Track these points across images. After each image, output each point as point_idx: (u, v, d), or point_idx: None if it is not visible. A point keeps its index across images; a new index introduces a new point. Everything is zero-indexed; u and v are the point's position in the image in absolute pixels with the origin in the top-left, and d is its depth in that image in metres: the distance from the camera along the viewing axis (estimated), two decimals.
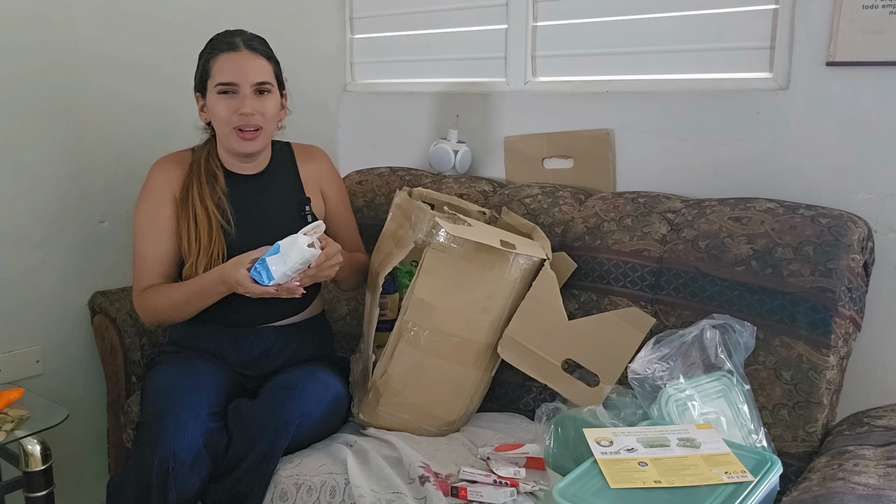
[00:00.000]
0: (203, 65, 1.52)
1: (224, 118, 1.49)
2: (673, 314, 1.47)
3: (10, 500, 1.54)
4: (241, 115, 1.48)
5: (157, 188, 1.56)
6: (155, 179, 1.57)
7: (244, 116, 1.48)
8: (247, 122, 1.49)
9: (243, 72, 1.48)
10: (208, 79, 1.50)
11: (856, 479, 1.08)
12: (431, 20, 2.13)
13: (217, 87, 1.49)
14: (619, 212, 1.60)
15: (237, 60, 1.48)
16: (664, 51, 1.72)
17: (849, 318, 1.34)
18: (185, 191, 1.55)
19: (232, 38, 1.51)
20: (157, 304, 1.52)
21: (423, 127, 2.13)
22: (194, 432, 1.32)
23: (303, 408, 1.39)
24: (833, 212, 1.41)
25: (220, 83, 1.48)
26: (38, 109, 1.74)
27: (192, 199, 1.53)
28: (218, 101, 1.49)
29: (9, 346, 1.76)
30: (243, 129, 1.50)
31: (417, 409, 1.47)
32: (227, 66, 1.48)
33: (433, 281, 1.42)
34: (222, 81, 1.48)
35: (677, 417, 1.26)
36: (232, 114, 1.48)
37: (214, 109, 1.50)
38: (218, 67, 1.49)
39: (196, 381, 1.44)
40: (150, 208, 1.55)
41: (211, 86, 1.50)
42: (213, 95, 1.49)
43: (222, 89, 1.48)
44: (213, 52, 1.50)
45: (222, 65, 1.48)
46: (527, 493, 1.26)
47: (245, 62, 1.48)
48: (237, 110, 1.48)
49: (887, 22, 1.40)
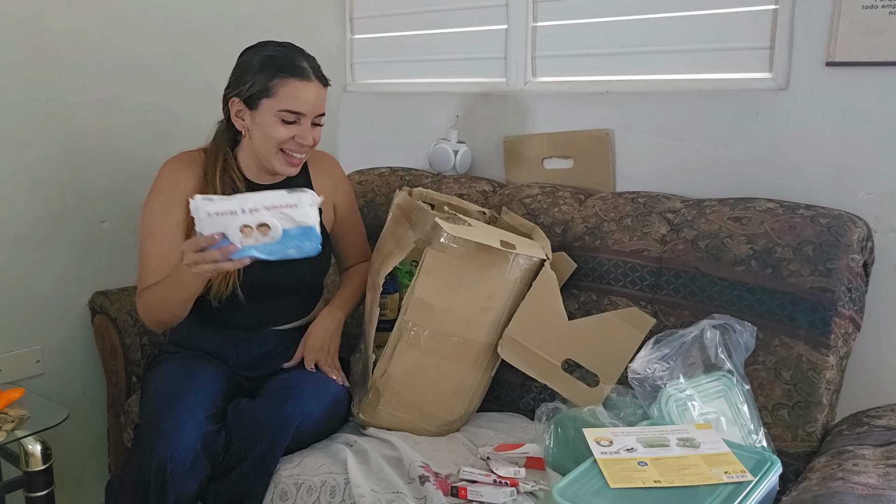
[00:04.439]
0: (264, 81, 1.44)
1: (278, 141, 1.46)
2: (673, 314, 1.47)
3: (11, 499, 1.54)
4: (298, 144, 1.47)
5: (167, 190, 1.51)
6: (166, 181, 1.52)
7: (300, 145, 1.48)
8: (299, 149, 1.49)
9: (312, 104, 1.46)
10: (267, 97, 1.44)
11: (855, 478, 1.08)
12: (431, 20, 2.13)
13: (280, 112, 1.44)
14: (619, 212, 1.60)
15: (309, 92, 1.45)
16: (664, 51, 1.72)
17: (848, 318, 1.34)
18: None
19: (301, 63, 1.45)
20: (148, 300, 1.48)
21: (423, 127, 2.13)
22: (192, 436, 1.32)
23: (303, 408, 1.39)
24: (833, 212, 1.41)
25: (286, 110, 1.44)
26: (39, 110, 1.74)
27: None
28: (276, 123, 1.45)
29: (9, 346, 1.76)
30: (293, 153, 1.49)
31: (417, 409, 1.47)
32: (301, 95, 1.44)
33: (433, 281, 1.42)
34: (290, 109, 1.44)
35: (677, 417, 1.26)
36: (289, 139, 1.46)
37: (268, 130, 1.45)
38: (288, 94, 1.43)
39: (195, 382, 1.43)
40: (160, 210, 1.51)
41: (270, 106, 1.44)
42: (270, 116, 1.44)
43: (287, 117, 1.45)
44: (281, 75, 1.43)
45: (294, 93, 1.43)
46: (527, 492, 1.26)
47: (316, 95, 1.46)
48: (296, 138, 1.46)
49: (887, 22, 1.40)
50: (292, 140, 1.47)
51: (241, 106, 1.47)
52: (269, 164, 1.50)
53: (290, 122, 1.45)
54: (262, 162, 1.51)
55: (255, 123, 1.47)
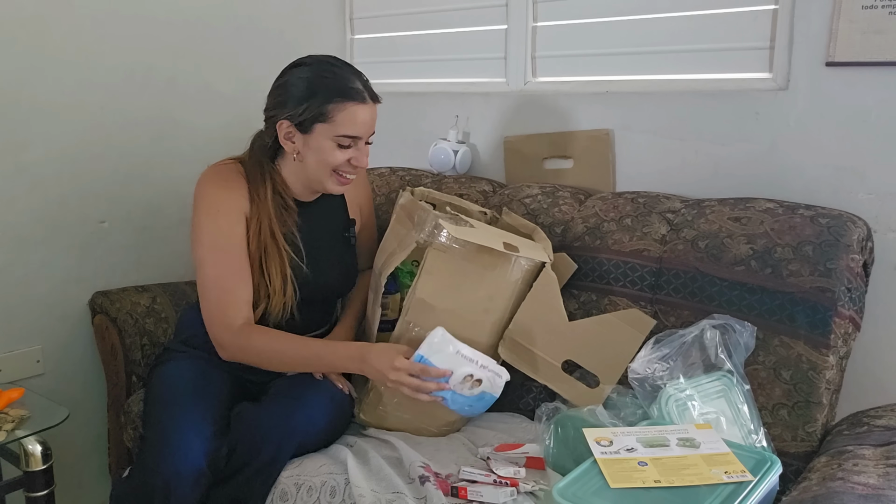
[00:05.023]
0: (319, 106, 1.38)
1: (334, 164, 1.43)
2: (673, 314, 1.47)
3: (11, 499, 1.54)
4: (353, 166, 1.45)
5: (224, 205, 1.42)
6: (217, 197, 1.43)
7: (355, 168, 1.45)
8: (353, 171, 1.46)
9: (369, 126, 1.43)
10: (322, 122, 1.39)
11: (855, 478, 1.08)
12: (431, 20, 2.13)
13: (337, 138, 1.40)
14: (619, 212, 1.60)
15: (366, 115, 1.41)
16: (664, 51, 1.72)
17: (848, 317, 1.34)
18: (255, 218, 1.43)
19: (355, 84, 1.40)
20: (263, 349, 1.41)
21: (423, 127, 2.13)
22: (198, 452, 1.31)
23: (308, 417, 1.38)
24: (833, 212, 1.41)
25: (345, 135, 1.40)
26: (38, 110, 1.74)
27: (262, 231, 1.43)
28: (332, 148, 1.41)
29: (9, 346, 1.76)
30: (347, 174, 1.46)
31: (418, 410, 1.47)
32: (358, 120, 1.40)
33: (434, 281, 1.42)
34: (349, 134, 1.40)
35: (677, 417, 1.27)
36: (345, 162, 1.43)
37: (324, 155, 1.41)
38: (345, 119, 1.39)
39: (201, 390, 1.42)
40: (222, 228, 1.41)
41: (326, 131, 1.40)
42: (326, 141, 1.40)
43: (344, 142, 1.41)
44: (337, 99, 1.38)
45: (352, 118, 1.39)
46: (527, 492, 1.26)
47: (371, 116, 1.42)
48: (352, 160, 1.44)
49: (887, 22, 1.40)
50: (347, 163, 1.44)
51: (292, 129, 1.42)
52: (320, 185, 1.47)
53: (345, 147, 1.42)
54: (312, 183, 1.48)
55: (307, 147, 1.42)
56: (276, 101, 1.44)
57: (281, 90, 1.44)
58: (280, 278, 1.44)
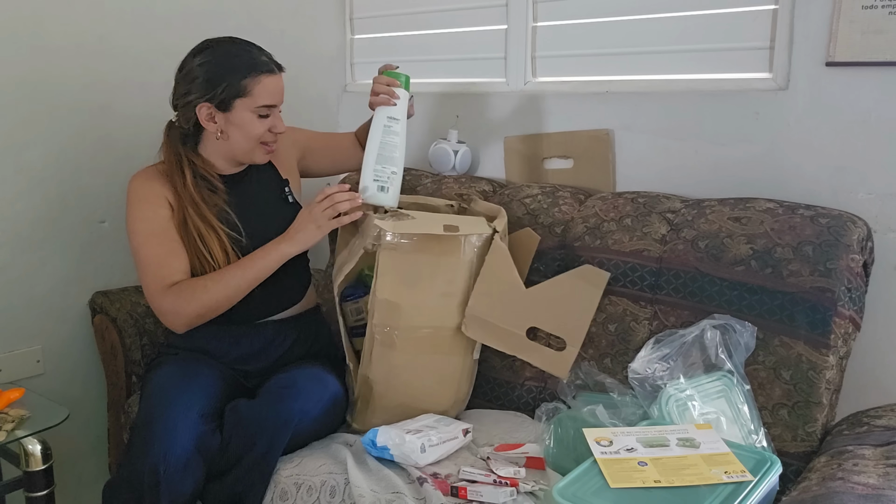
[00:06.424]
0: (236, 82, 1.49)
1: (258, 135, 1.54)
2: (673, 314, 1.47)
3: (11, 499, 1.54)
4: (275, 133, 1.56)
5: (146, 197, 1.53)
6: (141, 189, 1.54)
7: (276, 134, 1.57)
8: (275, 138, 1.58)
9: (281, 93, 1.55)
10: (241, 97, 1.49)
11: (855, 478, 1.08)
12: (431, 20, 2.13)
13: (259, 109, 1.51)
14: (619, 212, 1.60)
15: (277, 84, 1.53)
16: (664, 51, 1.72)
17: (848, 317, 1.34)
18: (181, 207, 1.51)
19: (262, 57, 1.52)
20: (196, 287, 1.47)
21: (423, 127, 2.13)
22: (184, 436, 1.32)
23: (301, 406, 1.39)
24: (832, 212, 1.41)
25: (264, 105, 1.51)
26: (38, 109, 1.74)
27: (191, 218, 1.51)
28: (253, 119, 1.52)
29: (9, 346, 1.76)
30: (271, 142, 1.57)
31: (407, 407, 1.48)
32: (271, 89, 1.52)
33: (392, 279, 1.44)
34: (267, 104, 1.52)
35: (677, 417, 1.27)
36: (266, 132, 1.55)
37: (247, 127, 1.52)
38: (263, 90, 1.50)
39: (190, 383, 1.43)
40: (148, 213, 1.52)
41: (246, 105, 1.50)
42: (247, 114, 1.51)
43: (263, 112, 1.52)
44: (253, 74, 1.49)
45: (267, 88, 1.51)
46: (527, 492, 1.26)
47: (281, 85, 1.54)
48: (273, 129, 1.55)
49: (887, 22, 1.40)
50: (270, 133, 1.56)
51: (212, 109, 1.51)
52: (249, 157, 1.58)
53: (264, 116, 1.53)
54: (239, 157, 1.58)
55: (230, 124, 1.52)
56: (189, 88, 1.51)
57: (190, 76, 1.51)
58: (223, 254, 1.51)
